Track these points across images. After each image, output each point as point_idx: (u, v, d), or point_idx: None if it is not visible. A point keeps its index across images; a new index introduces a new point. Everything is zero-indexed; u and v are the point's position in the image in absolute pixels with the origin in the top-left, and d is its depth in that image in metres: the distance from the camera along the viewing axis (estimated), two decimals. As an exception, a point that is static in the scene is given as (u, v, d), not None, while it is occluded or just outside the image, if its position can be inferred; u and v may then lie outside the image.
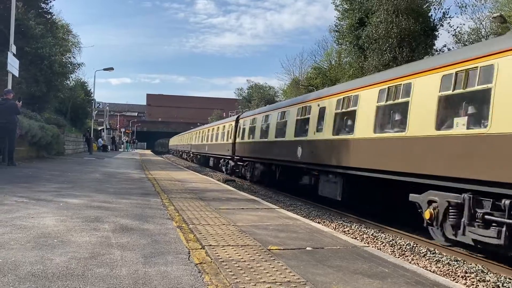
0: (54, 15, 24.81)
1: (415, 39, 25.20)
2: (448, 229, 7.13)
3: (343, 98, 10.93)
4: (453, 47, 26.82)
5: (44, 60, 20.65)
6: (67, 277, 3.02)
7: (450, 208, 6.95)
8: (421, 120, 7.79)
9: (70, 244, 3.97)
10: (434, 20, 27.51)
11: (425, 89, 7.87)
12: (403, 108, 8.49)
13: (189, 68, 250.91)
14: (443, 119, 7.44)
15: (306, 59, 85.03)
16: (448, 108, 7.48)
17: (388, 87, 9.00)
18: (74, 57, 30.76)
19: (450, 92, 7.23)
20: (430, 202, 7.49)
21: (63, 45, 26.30)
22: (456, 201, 6.78)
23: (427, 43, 26.45)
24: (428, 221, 7.47)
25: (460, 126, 6.98)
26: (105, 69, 35.42)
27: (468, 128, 6.83)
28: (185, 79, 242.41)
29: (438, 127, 7.41)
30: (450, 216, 6.95)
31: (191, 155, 42.26)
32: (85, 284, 2.91)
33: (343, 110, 10.92)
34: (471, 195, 6.51)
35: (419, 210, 7.87)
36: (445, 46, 28.00)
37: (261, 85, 62.95)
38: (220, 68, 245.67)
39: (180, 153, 56.13)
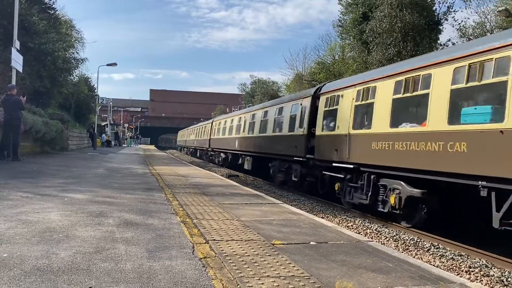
0: (57, 10, 24.87)
1: (419, 33, 25.02)
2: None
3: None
4: (457, 42, 26.65)
5: (47, 56, 20.69)
6: (72, 271, 3.04)
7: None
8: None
9: (75, 239, 3.99)
10: (439, 14, 27.30)
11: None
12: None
13: (192, 63, 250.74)
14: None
15: (310, 54, 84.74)
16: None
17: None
18: (77, 53, 30.79)
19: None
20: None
21: (67, 41, 26.29)
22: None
23: (432, 37, 26.26)
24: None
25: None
26: (108, 65, 35.50)
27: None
28: (188, 74, 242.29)
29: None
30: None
31: (229, 157, 25.00)
32: (90, 278, 2.92)
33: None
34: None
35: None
36: (449, 40, 27.81)
37: (264, 80, 62.73)
38: (223, 63, 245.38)
39: (195, 151, 43.55)
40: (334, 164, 11.00)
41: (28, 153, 16.26)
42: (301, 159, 13.23)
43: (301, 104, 13.89)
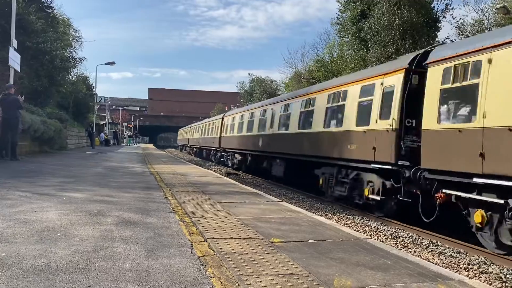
0: (54, 9, 24.71)
1: (417, 31, 24.99)
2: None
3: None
4: (455, 39, 26.64)
5: (45, 55, 20.63)
6: (71, 270, 3.03)
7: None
8: None
9: (73, 238, 3.99)
10: (437, 11, 27.26)
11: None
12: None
13: (190, 61, 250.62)
14: None
15: (308, 52, 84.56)
16: None
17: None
18: (75, 52, 30.62)
19: None
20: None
21: (64, 40, 26.22)
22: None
23: (430, 34, 26.25)
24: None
25: None
26: (106, 64, 35.48)
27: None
28: (186, 73, 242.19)
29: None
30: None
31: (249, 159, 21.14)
32: (89, 277, 2.92)
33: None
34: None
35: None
36: (447, 37, 27.80)
37: (263, 78, 62.65)
38: (221, 62, 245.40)
39: (200, 150, 39.03)
40: (478, 180, 6.72)
41: (26, 153, 16.23)
42: (385, 167, 9.20)
43: (381, 84, 9.69)
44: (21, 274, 2.91)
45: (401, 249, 6.86)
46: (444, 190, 7.65)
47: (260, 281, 3.03)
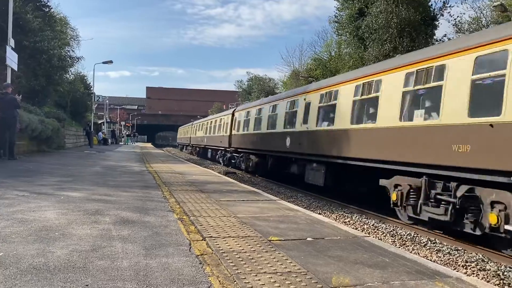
0: (52, 8, 24.63)
1: (415, 29, 25.03)
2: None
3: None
4: (453, 37, 26.67)
5: (42, 54, 20.58)
6: (69, 270, 3.03)
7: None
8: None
9: (71, 237, 3.98)
10: (434, 9, 27.31)
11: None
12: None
13: (188, 60, 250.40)
14: None
15: (306, 50, 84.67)
16: None
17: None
18: (73, 51, 30.52)
19: None
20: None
21: (62, 39, 26.12)
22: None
23: (427, 32, 26.29)
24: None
25: None
26: (104, 62, 35.41)
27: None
28: (184, 71, 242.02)
29: None
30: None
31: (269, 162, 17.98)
32: (87, 276, 2.92)
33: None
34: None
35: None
36: (445, 35, 27.85)
37: (261, 77, 62.62)
38: (219, 60, 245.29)
39: (204, 150, 34.79)
40: None
41: (24, 152, 16.20)
42: None
43: None
44: (19, 273, 2.90)
45: (399, 247, 6.88)
46: None
47: (259, 280, 3.03)
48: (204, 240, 4.14)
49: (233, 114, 23.95)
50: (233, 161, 23.44)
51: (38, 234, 4.02)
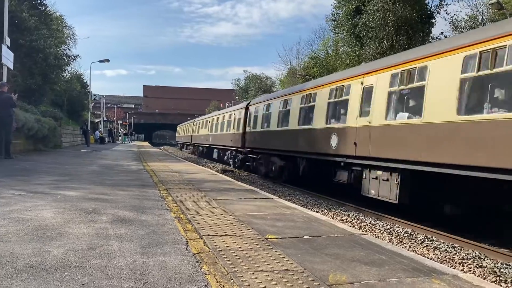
0: (47, 6, 24.54)
1: (412, 27, 25.08)
2: None
3: None
4: (450, 35, 26.73)
5: (39, 53, 20.51)
6: (65, 269, 3.02)
7: None
8: None
9: (68, 236, 3.97)
10: (431, 7, 27.40)
11: None
12: None
13: (185, 58, 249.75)
14: None
15: (303, 48, 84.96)
16: None
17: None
18: (69, 49, 30.47)
19: None
20: None
21: (58, 37, 26.06)
22: None
23: (424, 30, 26.35)
24: None
25: None
26: (101, 61, 35.33)
27: None
28: (181, 70, 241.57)
29: None
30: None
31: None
32: (83, 275, 2.91)
33: None
34: None
35: None
36: (442, 33, 27.91)
37: (258, 75, 62.63)
38: (216, 59, 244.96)
39: (209, 150, 30.89)
40: None
41: (20, 151, 16.14)
42: None
43: None
44: (15, 273, 2.89)
45: (396, 245, 6.89)
46: None
47: (255, 278, 3.03)
48: (201, 238, 4.14)
49: (246, 109, 20.46)
50: (248, 163, 20.11)
51: (34, 233, 4.01)
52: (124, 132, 66.83)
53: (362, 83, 10.27)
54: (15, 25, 18.38)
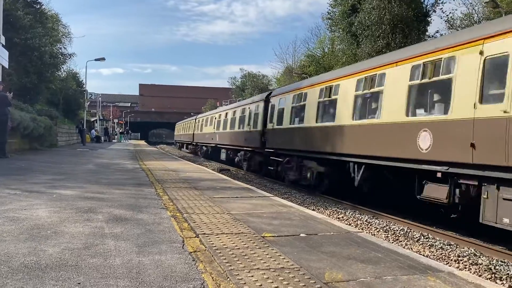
0: (43, 5, 24.44)
1: (407, 25, 25.11)
2: None
3: None
4: (445, 33, 26.80)
5: (34, 51, 20.42)
6: (61, 268, 3.01)
7: None
8: None
9: (64, 235, 3.96)
10: (427, 5, 27.45)
11: None
12: None
13: (181, 57, 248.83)
14: None
15: (299, 47, 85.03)
16: None
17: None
18: (65, 48, 30.39)
19: None
20: None
21: (53, 36, 25.96)
22: None
23: (420, 29, 26.39)
24: None
25: None
26: (96, 60, 35.08)
27: None
28: (177, 68, 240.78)
29: None
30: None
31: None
32: (79, 274, 2.90)
33: None
34: None
35: None
36: (437, 32, 28.00)
37: (255, 74, 62.58)
38: (213, 57, 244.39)
39: (215, 151, 27.22)
40: None
41: (16, 150, 16.07)
42: None
43: None
44: (10, 272, 2.88)
45: (392, 242, 6.91)
46: None
47: (252, 276, 3.03)
48: (197, 237, 4.14)
49: (266, 101, 16.65)
50: (270, 168, 16.15)
51: (29, 233, 4.00)
52: (120, 130, 66.65)
53: (482, 52, 6.72)
54: (10, 23, 18.28)
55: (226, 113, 23.99)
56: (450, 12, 27.48)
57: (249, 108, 19.01)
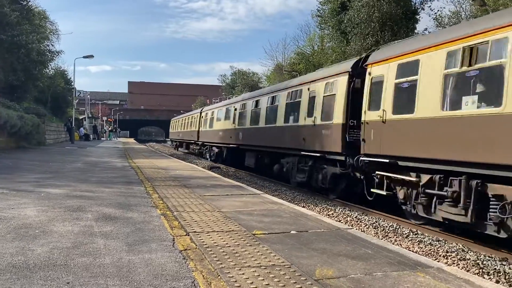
0: (29, 1, 24.03)
1: (396, 23, 25.24)
2: None
3: None
4: (434, 31, 27.01)
5: (21, 48, 20.12)
6: (49, 267, 2.98)
7: None
8: None
9: (52, 234, 3.92)
10: (415, 3, 27.61)
11: None
12: None
13: (170, 54, 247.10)
14: None
15: (289, 44, 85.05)
16: None
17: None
18: (52, 45, 29.90)
19: None
20: None
21: (40, 33, 25.55)
22: None
23: (409, 26, 26.53)
24: None
25: None
26: (85, 57, 34.75)
27: None
28: (166, 65, 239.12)
29: None
30: None
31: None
32: (68, 273, 2.87)
33: None
34: None
35: None
36: (426, 29, 28.18)
37: (245, 71, 62.48)
38: (202, 54, 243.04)
39: (222, 152, 22.36)
40: None
41: (3, 149, 15.86)
42: None
43: None
44: (-2, 272, 2.84)
45: (382, 239, 6.96)
46: None
47: (242, 274, 3.03)
48: (188, 235, 4.12)
49: (357, 74, 9.91)
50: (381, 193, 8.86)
51: (17, 232, 3.95)
52: (109, 128, 66.14)
53: None
54: (-4, 20, 18.01)
55: (257, 101, 16.97)
56: (438, 10, 27.63)
57: (309, 89, 12.13)
